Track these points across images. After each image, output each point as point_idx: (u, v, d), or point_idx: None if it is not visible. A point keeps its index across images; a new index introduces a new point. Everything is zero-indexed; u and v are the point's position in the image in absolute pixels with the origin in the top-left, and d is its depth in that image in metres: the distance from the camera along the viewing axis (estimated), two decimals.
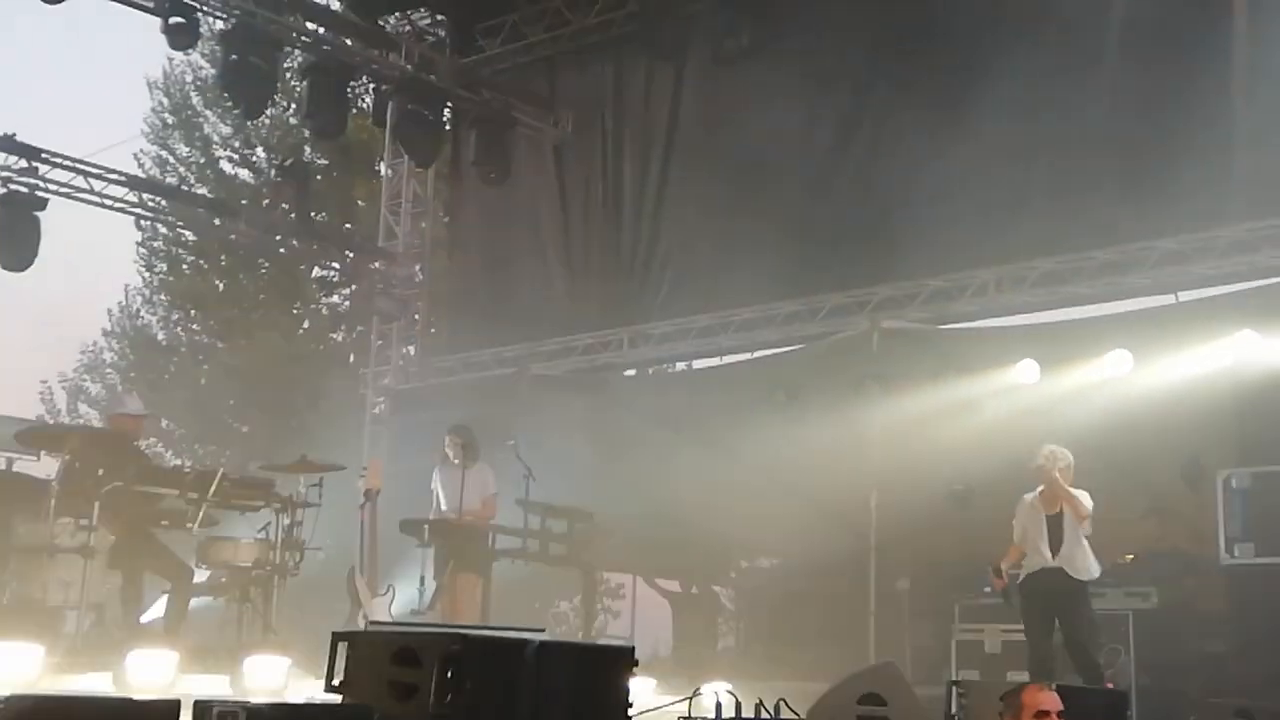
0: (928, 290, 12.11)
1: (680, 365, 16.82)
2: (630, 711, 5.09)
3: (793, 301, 12.93)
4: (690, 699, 6.02)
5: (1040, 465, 9.10)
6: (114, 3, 11.80)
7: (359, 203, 21.43)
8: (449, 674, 4.62)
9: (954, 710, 7.34)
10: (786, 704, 6.21)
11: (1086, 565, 9.06)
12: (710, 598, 15.39)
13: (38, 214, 12.97)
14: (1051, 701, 6.16)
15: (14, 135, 13.10)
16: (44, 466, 9.77)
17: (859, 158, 12.86)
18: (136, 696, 6.79)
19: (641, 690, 8.18)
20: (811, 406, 11.57)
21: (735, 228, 13.09)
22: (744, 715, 6.03)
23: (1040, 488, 9.21)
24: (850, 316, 12.37)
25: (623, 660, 5.20)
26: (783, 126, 13.10)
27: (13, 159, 13.11)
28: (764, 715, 6.08)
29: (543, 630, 6.76)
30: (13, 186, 12.96)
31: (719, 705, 5.97)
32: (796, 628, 12.68)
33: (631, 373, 15.15)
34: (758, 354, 13.46)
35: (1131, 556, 10.65)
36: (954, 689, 7.45)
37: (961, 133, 11.47)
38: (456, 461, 10.75)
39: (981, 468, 10.50)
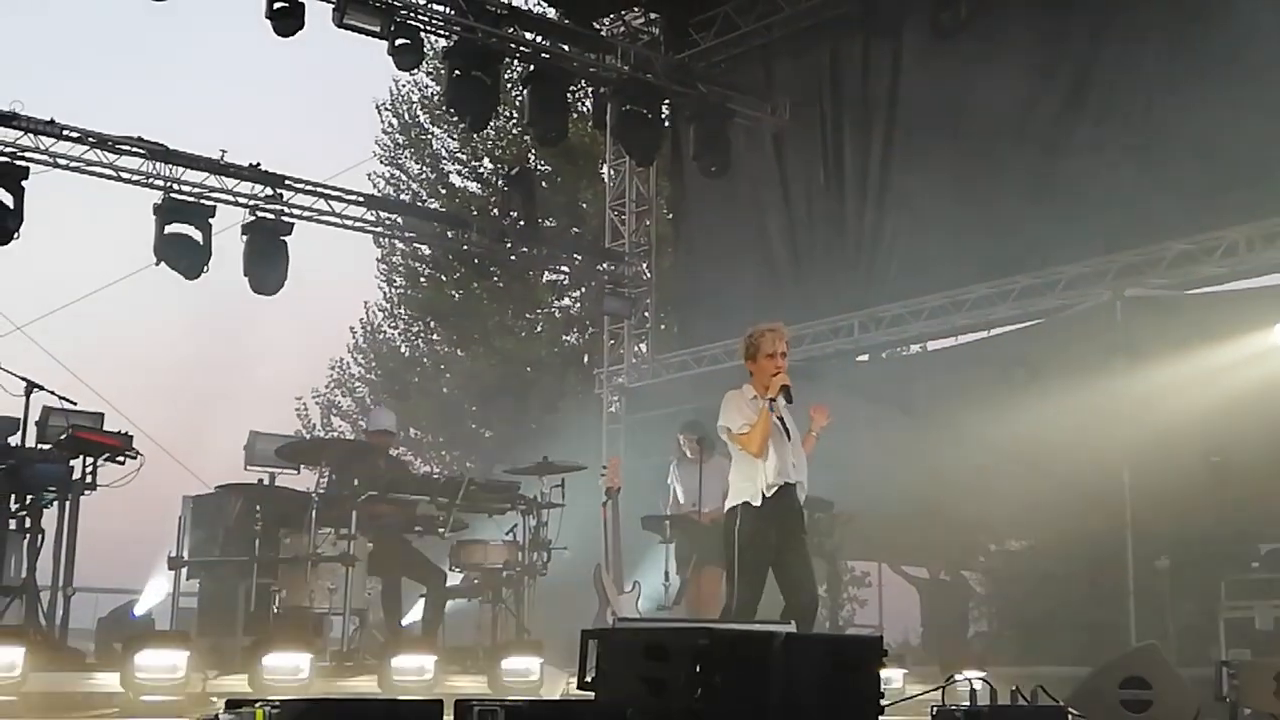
0: (1171, 254, 11.57)
1: (914, 348, 16.54)
2: (882, 702, 5.00)
3: (1027, 275, 12.52)
4: (943, 687, 5.88)
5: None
6: (342, 30, 12.19)
7: (583, 205, 21.76)
8: (697, 669, 4.64)
9: (1225, 691, 7.05)
10: (1045, 691, 6.01)
11: None
12: (960, 583, 15.09)
13: (284, 239, 13.46)
14: None
15: (259, 165, 13.64)
16: (304, 479, 10.24)
17: (1088, 123, 12.36)
18: (401, 698, 7.06)
19: (892, 680, 8.12)
20: (1054, 382, 11.24)
21: (963, 202, 12.75)
22: (1000, 703, 5.85)
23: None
24: (1089, 287, 11.93)
25: (872, 650, 5.10)
26: (1007, 95, 12.71)
27: (258, 188, 13.66)
28: (1021, 703, 5.89)
29: (790, 622, 6.74)
30: (260, 214, 13.50)
31: (973, 693, 5.80)
32: (1051, 611, 12.33)
33: (864, 358, 14.96)
34: (994, 332, 13.13)
35: None
36: (1224, 669, 7.15)
37: (1196, 88, 10.94)
38: (693, 458, 10.79)
39: (1240, 437, 10.04)
